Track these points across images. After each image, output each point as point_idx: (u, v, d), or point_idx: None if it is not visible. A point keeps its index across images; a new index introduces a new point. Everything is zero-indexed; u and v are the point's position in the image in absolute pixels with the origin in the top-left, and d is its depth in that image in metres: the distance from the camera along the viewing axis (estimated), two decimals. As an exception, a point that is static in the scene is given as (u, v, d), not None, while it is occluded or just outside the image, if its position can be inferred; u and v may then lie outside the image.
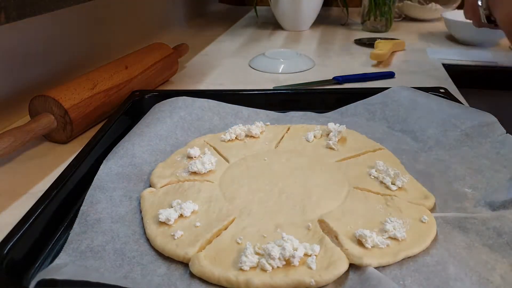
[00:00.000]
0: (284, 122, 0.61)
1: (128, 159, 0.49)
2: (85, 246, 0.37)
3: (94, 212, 0.41)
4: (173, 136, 0.55)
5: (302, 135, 0.56)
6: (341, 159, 0.51)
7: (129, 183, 0.46)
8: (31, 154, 0.56)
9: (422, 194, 0.44)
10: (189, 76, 0.86)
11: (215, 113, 0.61)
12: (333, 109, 0.64)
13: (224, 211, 0.42)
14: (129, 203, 0.44)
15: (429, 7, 1.32)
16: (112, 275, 0.34)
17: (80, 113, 0.58)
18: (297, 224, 0.40)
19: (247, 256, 0.34)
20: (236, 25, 1.34)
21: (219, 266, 0.35)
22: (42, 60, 0.70)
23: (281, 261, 0.34)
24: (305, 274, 0.34)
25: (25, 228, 0.37)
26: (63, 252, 0.37)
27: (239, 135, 0.55)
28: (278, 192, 0.45)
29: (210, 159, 0.48)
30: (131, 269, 0.35)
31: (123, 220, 0.41)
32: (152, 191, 0.45)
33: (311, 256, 0.35)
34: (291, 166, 0.49)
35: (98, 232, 0.39)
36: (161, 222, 0.39)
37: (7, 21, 0.55)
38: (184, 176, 0.47)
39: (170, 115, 0.58)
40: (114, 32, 0.93)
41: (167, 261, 0.37)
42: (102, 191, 0.44)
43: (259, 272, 0.34)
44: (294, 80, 0.81)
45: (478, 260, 0.36)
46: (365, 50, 1.04)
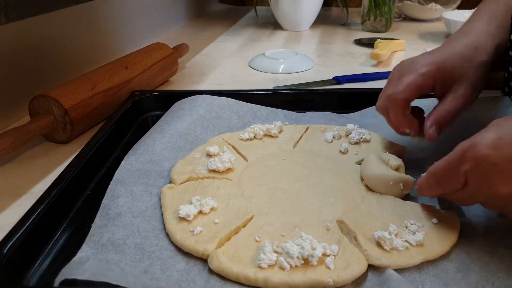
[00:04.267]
0: (302, 122, 0.60)
1: (148, 156, 0.50)
2: (106, 239, 0.38)
3: (115, 206, 0.42)
4: (193, 134, 0.56)
5: (321, 135, 0.56)
6: (360, 160, 0.50)
7: (149, 178, 0.47)
8: (31, 154, 0.56)
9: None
10: (189, 76, 0.86)
11: (234, 112, 0.61)
12: (334, 110, 0.64)
13: (242, 209, 0.42)
14: (149, 198, 0.44)
15: (429, 7, 1.32)
16: (132, 270, 0.35)
17: (80, 113, 0.58)
18: (315, 224, 0.40)
19: (265, 254, 0.35)
20: (236, 25, 1.34)
21: (238, 263, 0.35)
22: (42, 60, 0.70)
23: (300, 260, 0.34)
24: (324, 274, 0.34)
25: (24, 228, 0.37)
26: (85, 244, 0.37)
27: (258, 134, 0.55)
28: (296, 192, 0.45)
29: (229, 158, 0.49)
30: (151, 263, 0.36)
31: (143, 215, 0.41)
32: (172, 187, 0.45)
33: (329, 256, 0.35)
34: (310, 166, 0.49)
35: (119, 225, 0.39)
36: (181, 218, 0.40)
37: (7, 21, 0.55)
38: (203, 173, 0.48)
39: (190, 113, 0.58)
40: (114, 32, 0.93)
41: (186, 256, 0.37)
42: (123, 186, 0.45)
43: (277, 270, 0.34)
44: (294, 80, 0.81)
45: (501, 266, 0.34)
46: (365, 50, 1.04)
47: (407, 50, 1.03)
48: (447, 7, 1.31)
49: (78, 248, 0.37)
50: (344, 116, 0.62)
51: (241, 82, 0.82)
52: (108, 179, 0.46)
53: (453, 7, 1.31)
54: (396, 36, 1.13)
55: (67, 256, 0.36)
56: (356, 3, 1.49)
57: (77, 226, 0.42)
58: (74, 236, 0.41)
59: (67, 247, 0.40)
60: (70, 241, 0.40)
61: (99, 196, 0.44)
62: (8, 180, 0.51)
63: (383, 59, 0.90)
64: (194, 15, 1.44)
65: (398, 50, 1.01)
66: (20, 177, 0.51)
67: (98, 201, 0.43)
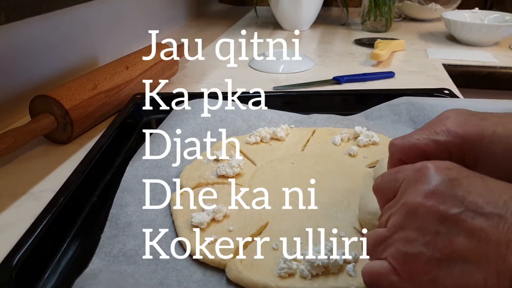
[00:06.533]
0: (307, 125, 0.60)
1: (153, 161, 0.49)
2: (117, 250, 0.37)
3: (124, 215, 0.41)
4: (197, 138, 0.55)
5: (328, 138, 0.55)
6: (370, 164, 0.50)
7: (156, 185, 0.46)
8: (31, 154, 0.56)
9: None
10: (189, 76, 0.86)
11: (238, 115, 0.60)
12: (336, 110, 0.63)
13: (256, 216, 0.41)
14: (158, 205, 0.43)
15: (429, 7, 1.32)
16: (148, 281, 0.34)
17: (81, 113, 0.58)
18: (331, 229, 0.39)
19: (285, 263, 0.34)
20: (236, 25, 1.34)
21: (257, 272, 0.34)
22: (42, 60, 0.70)
23: (320, 268, 0.34)
24: (345, 281, 0.33)
25: (33, 238, 0.36)
26: (95, 256, 0.36)
27: (264, 138, 0.55)
28: (309, 197, 0.44)
29: (239, 163, 0.48)
30: (166, 274, 0.35)
31: (153, 224, 0.41)
32: (181, 193, 0.44)
33: (350, 263, 0.34)
34: (320, 170, 0.48)
35: (130, 236, 0.38)
36: (194, 226, 0.39)
37: (7, 21, 0.55)
38: (212, 178, 0.47)
39: (193, 116, 0.57)
40: (115, 32, 0.93)
41: (202, 266, 0.36)
42: (131, 194, 0.44)
43: (299, 280, 0.33)
44: (294, 80, 0.81)
45: None
46: (365, 50, 1.04)
47: (407, 50, 1.03)
48: (447, 7, 1.31)
49: (88, 258, 0.36)
50: (349, 118, 0.61)
51: (241, 82, 0.82)
52: (114, 185, 0.46)
53: (453, 7, 1.31)
54: (396, 36, 1.13)
55: (77, 266, 0.36)
56: (356, 3, 1.49)
57: (85, 234, 0.41)
58: (83, 245, 0.40)
59: (77, 257, 0.39)
60: (79, 250, 0.40)
61: (106, 203, 0.43)
62: (8, 180, 0.51)
63: (383, 59, 0.90)
64: (194, 15, 1.44)
65: (398, 50, 1.01)
66: (20, 177, 0.51)
67: (105, 208, 0.42)
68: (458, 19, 1.07)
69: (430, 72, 0.87)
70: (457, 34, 1.08)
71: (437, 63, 0.92)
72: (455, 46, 1.07)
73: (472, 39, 1.06)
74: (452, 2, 1.32)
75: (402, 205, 0.29)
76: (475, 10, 1.18)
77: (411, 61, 0.94)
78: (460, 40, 1.09)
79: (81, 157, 0.50)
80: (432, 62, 0.93)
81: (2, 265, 0.34)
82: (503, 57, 0.97)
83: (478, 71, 0.92)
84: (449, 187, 0.27)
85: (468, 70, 0.92)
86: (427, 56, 0.98)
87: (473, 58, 0.96)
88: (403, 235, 0.28)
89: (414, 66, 0.91)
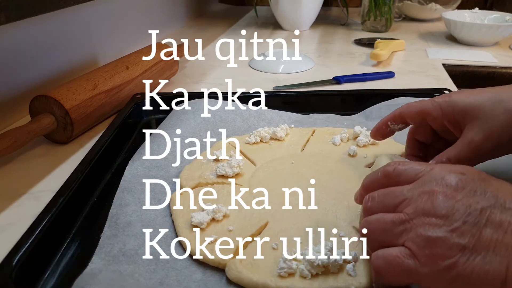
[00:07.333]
0: (307, 125, 0.60)
1: (153, 161, 0.49)
2: (117, 250, 0.37)
3: (124, 214, 0.41)
4: (197, 138, 0.55)
5: (328, 138, 0.55)
6: (370, 164, 0.50)
7: (156, 185, 0.46)
8: (31, 154, 0.56)
9: None
10: (189, 76, 0.86)
11: (238, 115, 0.60)
12: (336, 110, 0.63)
13: (256, 215, 0.41)
14: (158, 205, 0.43)
15: (429, 7, 1.32)
16: (147, 281, 0.34)
17: (81, 113, 0.58)
18: (331, 229, 0.39)
19: (285, 262, 0.34)
20: (236, 25, 1.34)
21: (256, 272, 0.34)
22: (42, 60, 0.70)
23: (320, 267, 0.34)
24: (345, 281, 0.33)
25: (33, 238, 0.36)
26: (95, 256, 0.36)
27: (264, 138, 0.55)
28: (309, 197, 0.44)
29: (238, 162, 0.48)
30: (166, 274, 0.35)
31: (153, 224, 0.41)
32: (181, 193, 0.44)
33: (350, 263, 0.34)
34: (320, 170, 0.49)
35: (130, 235, 0.39)
36: (193, 225, 0.39)
37: (7, 21, 0.55)
38: (212, 178, 0.47)
39: (193, 116, 0.57)
40: (115, 32, 0.93)
41: (201, 266, 0.36)
42: (130, 193, 0.44)
43: (298, 279, 0.33)
44: (294, 80, 0.81)
45: None
46: (365, 50, 1.04)
47: (407, 50, 1.03)
48: (447, 7, 1.31)
49: (87, 257, 0.36)
50: (349, 118, 0.61)
51: (241, 82, 0.82)
52: (114, 185, 0.46)
53: (453, 7, 1.31)
54: (396, 36, 1.13)
55: (77, 266, 0.36)
56: (356, 3, 1.49)
57: (85, 234, 0.41)
58: (83, 245, 0.40)
59: (76, 257, 0.39)
60: (79, 250, 0.40)
61: (105, 203, 0.44)
62: (8, 180, 0.51)
63: (383, 59, 0.90)
64: (194, 15, 1.44)
65: (398, 50, 1.01)
66: (20, 177, 0.51)
67: (105, 208, 0.42)
68: (458, 19, 1.07)
69: (430, 72, 0.87)
70: (457, 34, 1.08)
71: (437, 63, 0.92)
72: (455, 46, 1.07)
73: (472, 39, 1.06)
74: (452, 2, 1.32)
75: (428, 192, 0.30)
76: (475, 10, 1.18)
77: (411, 61, 0.94)
78: (460, 40, 1.09)
79: (81, 157, 0.50)
80: (432, 62, 0.93)
81: (2, 265, 0.34)
82: (503, 57, 0.97)
83: (478, 71, 0.92)
84: (479, 183, 0.29)
85: (468, 70, 0.92)
86: (427, 56, 0.98)
87: (473, 58, 0.96)
88: (426, 221, 0.29)
89: (414, 66, 0.91)
